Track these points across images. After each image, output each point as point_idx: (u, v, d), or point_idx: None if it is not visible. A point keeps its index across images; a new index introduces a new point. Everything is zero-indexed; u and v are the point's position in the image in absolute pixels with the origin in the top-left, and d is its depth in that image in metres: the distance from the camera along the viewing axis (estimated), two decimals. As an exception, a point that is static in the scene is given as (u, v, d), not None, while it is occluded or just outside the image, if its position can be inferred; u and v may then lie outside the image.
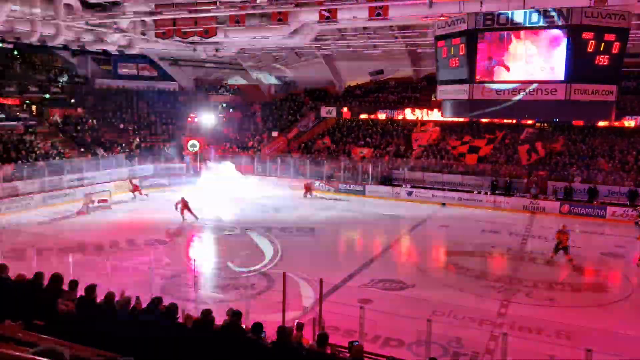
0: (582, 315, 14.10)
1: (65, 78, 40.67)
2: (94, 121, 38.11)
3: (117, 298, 7.76)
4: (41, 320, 6.59)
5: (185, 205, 23.75)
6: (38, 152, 30.75)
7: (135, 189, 29.63)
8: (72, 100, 39.18)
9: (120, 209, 26.48)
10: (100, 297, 7.67)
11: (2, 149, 29.33)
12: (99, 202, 26.27)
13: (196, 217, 23.79)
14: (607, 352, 11.18)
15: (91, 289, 7.54)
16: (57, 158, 30.82)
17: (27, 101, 36.10)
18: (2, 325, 5.80)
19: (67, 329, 6.37)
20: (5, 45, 35.34)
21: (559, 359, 11.31)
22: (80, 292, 7.71)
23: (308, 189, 31.14)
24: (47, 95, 37.76)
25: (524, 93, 13.83)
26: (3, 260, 11.14)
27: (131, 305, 7.91)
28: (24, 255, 16.84)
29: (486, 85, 14.35)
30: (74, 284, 8.06)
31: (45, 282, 7.92)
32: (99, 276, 11.32)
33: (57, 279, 7.83)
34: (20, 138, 31.65)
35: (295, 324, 9.19)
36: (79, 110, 38.62)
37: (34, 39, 26.46)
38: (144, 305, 8.26)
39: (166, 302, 7.79)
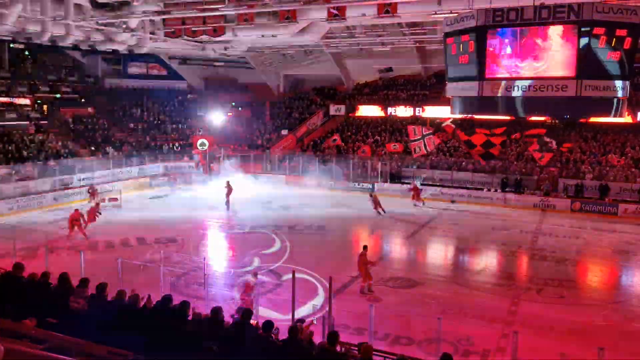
0: (593, 313, 14.00)
1: (75, 78, 40.95)
2: (104, 120, 38.37)
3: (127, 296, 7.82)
4: (54, 318, 6.66)
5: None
6: (49, 151, 31.02)
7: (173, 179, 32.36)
8: (83, 100, 39.49)
9: (130, 207, 26.63)
10: (111, 295, 7.73)
11: (14, 149, 29.62)
12: (109, 200, 26.44)
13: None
14: (619, 350, 11.11)
15: (102, 287, 7.61)
16: (68, 157, 31.06)
17: (38, 101, 36.42)
18: (17, 324, 5.86)
19: (79, 327, 6.43)
20: (16, 45, 35.74)
21: (570, 357, 11.24)
22: (92, 290, 7.77)
23: (416, 193, 27.67)
24: (58, 95, 38.08)
25: (535, 90, 13.73)
26: (15, 258, 11.26)
27: (142, 304, 7.96)
28: (35, 253, 17.00)
29: (496, 82, 14.26)
30: (85, 282, 8.13)
31: (54, 281, 8.01)
32: (110, 274, 11.40)
33: (64, 279, 7.91)
34: (32, 137, 31.93)
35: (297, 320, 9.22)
36: (90, 109, 38.92)
37: (44, 39, 26.67)
38: (155, 303, 8.30)
39: (176, 300, 7.82)
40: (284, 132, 39.18)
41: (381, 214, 25.42)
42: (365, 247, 15.73)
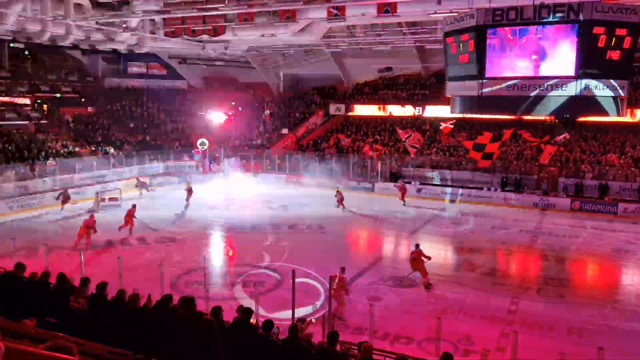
0: (593, 313, 14.00)
1: (75, 77, 40.96)
2: (104, 120, 38.37)
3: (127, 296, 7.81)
4: (54, 318, 6.66)
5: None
6: (49, 151, 31.01)
7: (141, 185, 30.16)
8: (83, 99, 39.50)
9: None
10: (111, 295, 7.72)
11: (14, 148, 29.62)
12: (109, 200, 26.46)
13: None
14: (619, 350, 11.12)
15: (102, 287, 7.60)
16: (68, 157, 31.06)
17: (38, 100, 36.42)
18: (17, 324, 5.87)
19: (79, 326, 6.44)
20: (16, 45, 35.76)
21: (570, 357, 11.25)
22: (92, 289, 7.77)
23: (402, 192, 28.52)
24: (58, 95, 38.10)
25: (534, 89, 13.73)
26: (15, 258, 11.26)
27: (142, 303, 7.96)
28: (36, 253, 17.01)
29: (496, 81, 14.27)
30: (85, 281, 8.13)
31: (54, 281, 8.01)
32: (110, 274, 11.40)
33: (63, 279, 7.92)
34: (32, 137, 31.93)
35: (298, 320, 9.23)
36: (90, 109, 38.94)
37: (44, 39, 26.65)
38: (155, 302, 8.30)
39: (176, 299, 7.81)
40: (284, 131, 39.19)
41: (342, 210, 26.27)
42: (417, 246, 15.98)
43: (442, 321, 9.85)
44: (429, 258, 15.76)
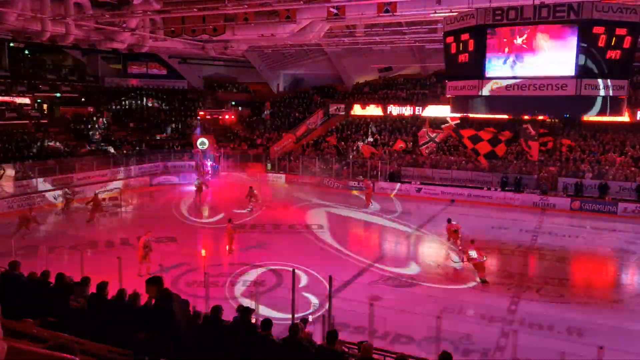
0: (593, 312, 14.01)
1: (75, 77, 40.94)
2: (104, 120, 38.35)
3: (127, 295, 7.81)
4: (54, 317, 6.66)
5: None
6: (49, 150, 31.00)
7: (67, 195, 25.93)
8: (83, 99, 39.45)
9: (130, 206, 26.61)
10: (111, 294, 7.72)
11: (14, 148, 29.61)
12: (109, 200, 26.43)
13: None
14: (618, 349, 11.13)
15: (102, 286, 7.60)
16: (67, 156, 31.04)
17: (38, 100, 36.40)
18: (18, 323, 5.87)
19: (79, 326, 6.44)
20: (16, 44, 35.74)
21: (570, 357, 11.25)
22: (92, 289, 7.77)
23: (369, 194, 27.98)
24: (58, 94, 38.04)
25: (535, 88, 13.75)
26: (15, 257, 11.25)
27: (142, 302, 7.96)
28: (35, 252, 16.99)
29: (495, 80, 14.28)
30: (85, 280, 8.12)
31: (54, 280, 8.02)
32: (110, 273, 11.39)
33: (62, 279, 7.92)
34: (32, 136, 31.92)
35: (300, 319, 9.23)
36: (89, 108, 38.89)
37: (44, 39, 26.63)
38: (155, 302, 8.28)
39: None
40: (284, 131, 39.19)
41: (251, 208, 25.75)
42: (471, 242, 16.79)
43: (442, 321, 9.85)
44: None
